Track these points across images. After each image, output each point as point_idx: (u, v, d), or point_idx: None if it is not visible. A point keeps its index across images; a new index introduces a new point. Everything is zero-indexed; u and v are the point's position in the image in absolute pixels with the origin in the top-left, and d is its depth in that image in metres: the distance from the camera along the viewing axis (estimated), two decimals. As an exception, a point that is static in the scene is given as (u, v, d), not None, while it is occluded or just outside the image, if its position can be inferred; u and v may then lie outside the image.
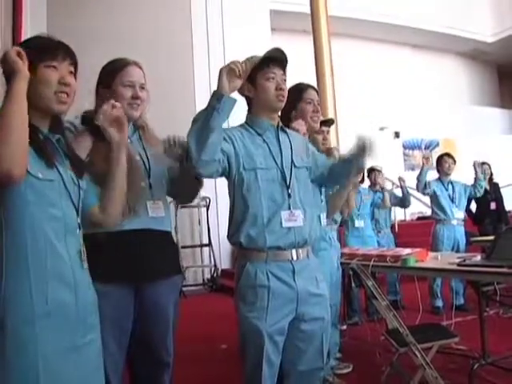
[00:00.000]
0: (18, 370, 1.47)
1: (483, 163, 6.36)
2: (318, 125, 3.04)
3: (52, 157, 1.64)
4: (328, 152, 3.12)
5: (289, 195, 2.18)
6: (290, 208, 2.17)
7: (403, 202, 6.45)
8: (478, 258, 3.30)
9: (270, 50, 2.23)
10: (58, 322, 1.54)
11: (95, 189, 1.89)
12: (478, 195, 5.93)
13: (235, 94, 2.33)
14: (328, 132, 3.38)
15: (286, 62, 2.28)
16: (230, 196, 2.25)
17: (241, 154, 2.17)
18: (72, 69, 1.69)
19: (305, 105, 2.93)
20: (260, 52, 2.27)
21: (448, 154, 5.97)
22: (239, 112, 2.43)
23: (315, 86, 3.18)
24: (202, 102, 7.16)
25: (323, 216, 2.99)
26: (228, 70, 1.98)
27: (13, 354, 1.47)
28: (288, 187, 2.19)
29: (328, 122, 3.40)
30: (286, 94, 2.26)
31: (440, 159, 5.94)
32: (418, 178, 5.78)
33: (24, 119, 1.48)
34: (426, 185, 5.75)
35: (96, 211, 1.86)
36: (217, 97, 1.96)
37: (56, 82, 1.62)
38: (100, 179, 1.92)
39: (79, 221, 1.71)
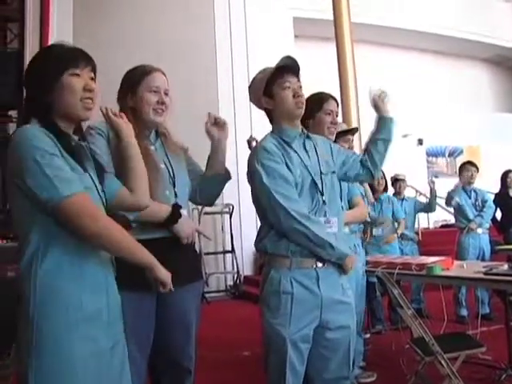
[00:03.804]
0: (57, 375, 1.49)
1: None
2: (334, 136, 3.02)
3: (83, 161, 1.68)
4: None
5: (323, 201, 2.20)
6: (326, 215, 2.20)
7: (429, 207, 6.36)
8: (505, 266, 3.25)
9: (282, 59, 2.26)
10: (93, 325, 1.57)
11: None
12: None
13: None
14: (352, 140, 3.37)
15: (299, 68, 2.29)
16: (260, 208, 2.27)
17: None
18: (92, 74, 1.72)
19: (324, 115, 2.91)
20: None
21: (470, 162, 5.91)
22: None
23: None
24: (225, 108, 7.24)
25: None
26: None
27: (49, 358, 1.49)
28: (322, 194, 2.22)
29: (352, 131, 3.39)
30: (304, 100, 2.26)
31: (462, 168, 5.88)
32: (451, 194, 5.72)
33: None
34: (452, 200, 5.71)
35: (125, 193, 1.88)
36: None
37: (81, 89, 1.65)
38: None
39: None
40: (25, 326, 1.51)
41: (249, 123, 8.68)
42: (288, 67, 2.25)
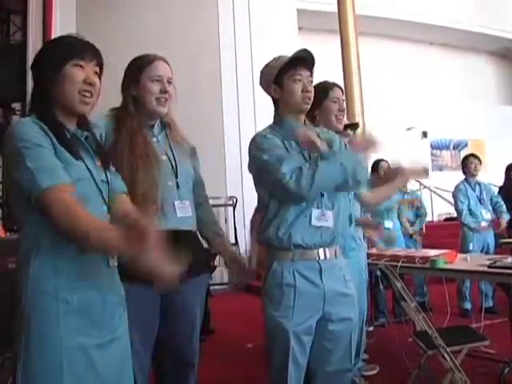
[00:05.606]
0: (42, 366, 1.50)
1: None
2: (342, 125, 2.99)
3: (78, 151, 1.66)
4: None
5: (321, 194, 2.17)
6: (321, 207, 2.16)
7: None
8: (509, 259, 3.23)
9: (297, 51, 2.22)
10: (83, 320, 1.56)
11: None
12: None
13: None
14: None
15: (313, 62, 2.26)
16: (263, 196, 2.24)
17: None
18: (97, 70, 1.71)
19: (330, 103, 2.89)
20: (287, 51, 2.26)
21: (473, 155, 5.89)
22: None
23: (342, 86, 3.14)
24: (228, 100, 7.21)
25: (353, 215, 2.96)
26: None
27: (37, 350, 1.49)
28: None
29: (353, 126, 3.35)
30: (312, 95, 2.24)
31: (465, 160, 5.86)
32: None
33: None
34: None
35: (122, 200, 1.82)
36: None
37: (81, 81, 1.64)
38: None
39: (109, 218, 1.72)
40: (19, 319, 1.53)
41: (252, 116, 8.68)
42: (303, 60, 2.23)
